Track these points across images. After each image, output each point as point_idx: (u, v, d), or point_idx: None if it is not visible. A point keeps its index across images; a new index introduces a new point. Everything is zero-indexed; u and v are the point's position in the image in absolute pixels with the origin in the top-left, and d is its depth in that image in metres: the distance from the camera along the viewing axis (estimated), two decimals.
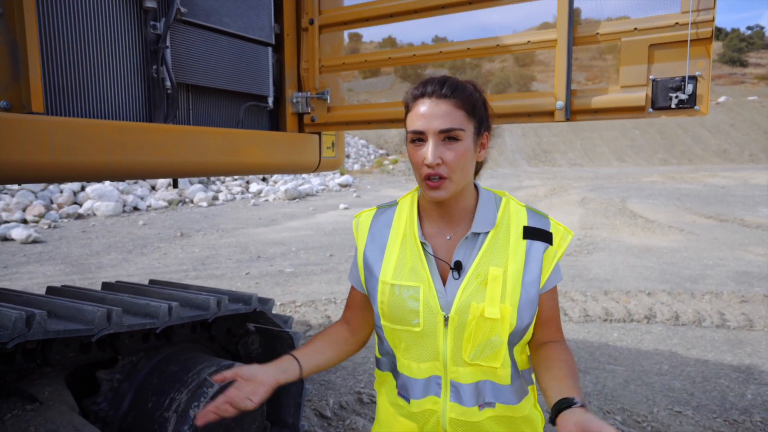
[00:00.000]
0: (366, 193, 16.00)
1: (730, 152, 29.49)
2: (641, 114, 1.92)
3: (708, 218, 10.26)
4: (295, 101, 2.63)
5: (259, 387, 1.09)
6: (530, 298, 1.11)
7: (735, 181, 17.74)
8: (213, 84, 2.31)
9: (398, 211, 1.23)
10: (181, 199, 13.05)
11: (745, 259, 6.84)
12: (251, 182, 15.56)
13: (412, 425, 1.20)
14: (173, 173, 2.15)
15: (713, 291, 5.43)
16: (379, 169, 22.77)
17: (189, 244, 8.31)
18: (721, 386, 3.45)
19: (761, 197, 13.28)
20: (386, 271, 1.16)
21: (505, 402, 1.16)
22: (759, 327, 4.49)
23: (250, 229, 9.67)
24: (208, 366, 2.01)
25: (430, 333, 1.12)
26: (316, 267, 6.77)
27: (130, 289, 2.12)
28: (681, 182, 18.03)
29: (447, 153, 1.06)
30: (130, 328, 1.63)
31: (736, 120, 32.87)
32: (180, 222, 10.45)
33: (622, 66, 1.92)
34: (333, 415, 3.08)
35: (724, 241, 8.00)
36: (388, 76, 37.95)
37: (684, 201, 12.91)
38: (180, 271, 6.55)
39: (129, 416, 1.94)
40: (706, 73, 1.79)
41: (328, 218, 10.96)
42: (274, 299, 2.31)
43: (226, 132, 2.25)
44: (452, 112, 1.07)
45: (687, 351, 4.02)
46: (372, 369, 3.75)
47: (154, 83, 2.08)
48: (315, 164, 2.73)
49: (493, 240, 1.14)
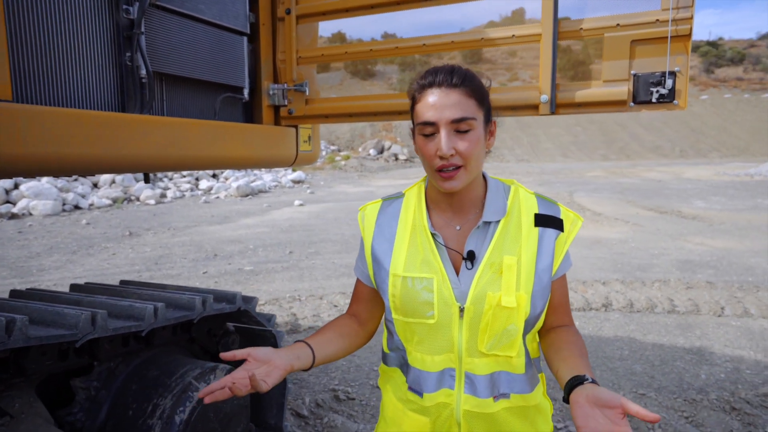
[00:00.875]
0: (320, 189, 15.85)
1: (663, 148, 31.28)
2: (623, 108, 1.98)
3: (649, 210, 10.83)
4: (271, 93, 2.55)
5: (274, 370, 1.03)
6: (543, 285, 1.11)
7: (669, 176, 18.82)
8: (188, 73, 2.20)
9: (405, 202, 1.21)
10: (127, 196, 12.46)
11: (686, 248, 7.27)
12: (201, 179, 15.06)
13: (423, 420, 1.18)
14: (148, 167, 2.03)
15: (661, 279, 5.73)
16: (331, 165, 22.60)
17: (139, 244, 7.94)
18: (678, 368, 3.65)
19: (693, 190, 14.17)
20: (397, 264, 1.14)
21: (520, 392, 1.16)
22: (705, 311, 4.78)
23: (203, 227, 9.36)
24: (192, 369, 1.92)
25: (445, 324, 1.11)
26: (277, 264, 6.64)
27: (103, 291, 1.99)
28: (621, 177, 18.95)
29: (460, 143, 1.04)
30: (116, 331, 1.53)
31: (667, 118, 34.88)
32: (127, 221, 9.97)
33: (604, 61, 1.98)
34: (310, 413, 3.03)
35: (665, 232, 8.48)
36: (338, 72, 37.66)
37: (626, 194, 13.57)
38: (132, 272, 6.25)
39: (108, 425, 1.83)
40: (685, 68, 1.87)
41: (284, 215, 10.77)
42: (257, 297, 2.23)
43: (204, 124, 2.15)
44: (463, 101, 1.05)
45: (644, 336, 4.23)
46: (344, 367, 3.72)
47: (127, 71, 1.96)
48: (292, 158, 2.66)
49: (504, 228, 1.13)
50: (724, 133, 33.82)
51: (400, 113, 2.39)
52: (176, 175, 15.00)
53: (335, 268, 6.45)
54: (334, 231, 8.91)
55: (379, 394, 3.30)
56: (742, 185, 15.32)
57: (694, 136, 32.99)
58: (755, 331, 4.30)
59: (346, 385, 3.41)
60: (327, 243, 7.94)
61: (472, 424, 1.15)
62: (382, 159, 25.01)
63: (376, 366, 3.71)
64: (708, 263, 6.44)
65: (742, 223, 9.27)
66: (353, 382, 3.47)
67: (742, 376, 3.53)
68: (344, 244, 7.83)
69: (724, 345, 4.04)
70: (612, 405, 0.87)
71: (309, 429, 2.88)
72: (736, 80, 47.67)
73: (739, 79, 48.36)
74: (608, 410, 0.87)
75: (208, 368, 1.94)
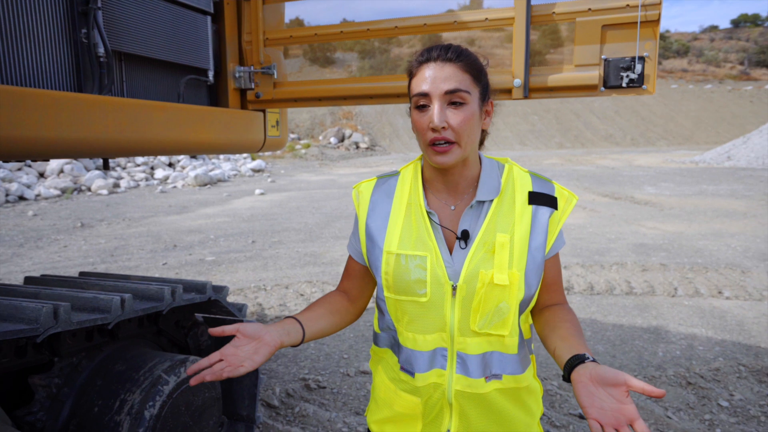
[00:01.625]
0: (281, 178, 15.60)
1: (615, 137, 32.39)
2: (594, 92, 2.01)
3: (605, 197, 11.20)
4: (237, 76, 2.46)
5: (263, 347, 1.03)
6: (537, 263, 1.11)
7: (621, 163, 19.51)
8: (149, 53, 2.09)
9: (400, 180, 1.19)
10: (77, 187, 11.89)
11: (640, 233, 7.56)
12: (156, 168, 14.54)
13: (415, 400, 1.17)
14: (108, 152, 1.92)
15: (619, 262, 5.94)
16: (292, 153, 22.27)
17: (92, 235, 7.60)
18: (637, 347, 3.80)
19: (645, 177, 14.74)
20: (390, 241, 1.13)
21: (512, 372, 1.15)
22: (660, 292, 4.99)
23: (160, 218, 9.05)
24: (161, 362, 1.85)
25: (437, 303, 1.10)
26: (239, 254, 6.50)
27: (62, 283, 1.88)
28: (577, 164, 19.50)
29: (453, 117, 1.04)
30: (80, 325, 1.44)
31: (619, 108, 36.10)
32: (78, 212, 9.53)
33: (576, 45, 1.99)
34: (281, 404, 2.98)
35: (621, 217, 8.79)
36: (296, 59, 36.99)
37: (582, 181, 13.98)
38: (86, 264, 5.98)
39: (71, 424, 1.73)
40: (653, 54, 1.91)
41: (245, 204, 10.54)
42: (228, 286, 2.16)
43: (167, 107, 2.05)
44: (458, 74, 1.05)
45: (604, 317, 4.38)
46: (313, 356, 3.68)
47: (83, 49, 1.83)
48: (260, 143, 2.58)
49: (498, 207, 1.13)
50: (671, 122, 35.32)
51: (371, 97, 2.35)
52: (130, 164, 14.43)
53: (300, 257, 6.37)
54: (297, 220, 8.80)
55: (351, 382, 3.28)
56: (688, 172, 16.05)
57: (644, 125, 34.31)
58: (706, 310, 4.52)
59: (316, 374, 3.37)
60: (290, 232, 7.83)
61: (463, 404, 1.14)
62: (342, 147, 24.84)
63: (346, 354, 3.69)
64: (661, 246, 6.72)
65: (690, 207, 9.71)
66: (323, 370, 3.44)
67: (695, 352, 3.71)
68: (308, 233, 7.75)
69: (678, 324, 4.23)
70: (616, 383, 0.87)
71: (280, 419, 2.84)
72: (681, 72, 49.72)
73: (684, 70, 50.47)
74: (612, 388, 0.88)
75: (178, 361, 1.86)
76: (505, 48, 2.15)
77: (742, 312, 4.47)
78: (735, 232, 7.58)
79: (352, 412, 2.94)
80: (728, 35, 62.95)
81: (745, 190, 11.79)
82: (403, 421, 1.20)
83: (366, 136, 26.17)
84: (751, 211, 9.29)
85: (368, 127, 28.11)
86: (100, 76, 1.84)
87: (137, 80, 2.11)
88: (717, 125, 34.87)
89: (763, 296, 4.82)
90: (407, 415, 1.19)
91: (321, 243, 7.11)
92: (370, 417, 1.28)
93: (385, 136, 27.78)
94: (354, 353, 3.70)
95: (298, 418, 2.85)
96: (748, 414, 2.90)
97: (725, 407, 2.97)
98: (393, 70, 2.33)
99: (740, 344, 3.84)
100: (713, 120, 35.65)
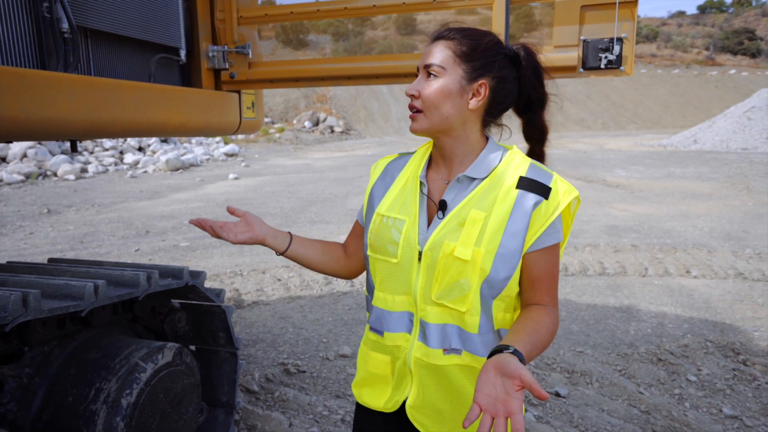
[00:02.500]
0: (255, 162, 15.36)
1: (586, 121, 32.86)
2: (573, 73, 2.01)
3: (577, 180, 11.39)
4: (210, 55, 2.38)
5: (248, 231, 1.26)
6: (510, 249, 1.07)
7: (593, 147, 19.83)
8: (117, 30, 2.00)
9: (414, 156, 1.27)
10: (41, 172, 11.48)
11: (612, 215, 7.72)
12: (126, 152, 14.14)
13: (384, 358, 1.22)
14: (75, 133, 1.84)
15: (592, 243, 6.07)
16: (265, 137, 21.91)
17: (60, 222, 7.37)
18: (610, 326, 3.90)
19: (616, 160, 15.02)
20: (383, 204, 1.21)
21: (473, 352, 1.13)
22: (631, 272, 5.11)
23: (131, 203, 8.83)
24: (137, 349, 1.80)
25: (405, 266, 1.15)
26: (214, 240, 6.39)
27: (31, 270, 1.81)
28: (550, 148, 19.61)
29: (424, 87, 1.12)
30: (51, 312, 1.39)
31: (591, 92, 36.56)
32: (44, 197, 9.22)
33: (555, 26, 1.99)
34: (260, 388, 2.97)
35: (593, 200, 8.95)
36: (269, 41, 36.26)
37: (555, 164, 14.00)
38: (55, 251, 5.81)
39: (44, 414, 1.69)
40: (631, 35, 1.92)
41: (219, 189, 10.37)
42: (205, 272, 2.11)
43: (138, 86, 1.97)
44: (440, 51, 1.12)
45: (579, 297, 4.47)
46: (292, 340, 3.67)
47: (46, 24, 1.74)
48: (235, 125, 2.52)
49: (486, 187, 1.12)
50: (640, 106, 35.99)
51: (350, 78, 2.31)
52: (98, 148, 14.00)
53: None
54: (273, 204, 8.70)
55: (330, 366, 3.28)
56: (656, 155, 16.42)
57: (615, 109, 34.88)
58: (675, 289, 4.66)
59: (295, 359, 3.36)
60: (266, 217, 7.74)
61: (421, 373, 1.17)
62: (317, 131, 24.57)
63: (325, 338, 3.69)
64: (632, 228, 6.88)
65: (659, 190, 9.96)
66: (302, 355, 3.43)
67: (665, 330, 3.82)
68: (284, 218, 7.67)
69: (649, 302, 4.35)
70: (512, 375, 0.89)
71: (260, 404, 2.82)
72: (650, 56, 50.56)
73: (653, 55, 51.32)
74: (507, 380, 0.89)
75: (155, 348, 1.82)
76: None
77: (709, 290, 4.62)
78: (701, 213, 7.81)
79: (332, 395, 2.94)
80: (695, 21, 64.20)
81: (711, 173, 12.15)
82: (377, 383, 1.26)
83: (341, 120, 25.92)
84: (716, 192, 9.58)
85: (343, 110, 27.85)
86: (64, 53, 1.76)
87: (105, 58, 2.02)
88: (684, 109, 35.70)
89: (728, 274, 4.99)
90: (379, 376, 1.24)
91: (298, 228, 7.05)
92: (354, 382, 1.34)
93: (360, 120, 27.59)
94: (333, 337, 3.70)
95: (278, 403, 2.84)
96: (715, 387, 3.02)
97: (693, 381, 3.08)
98: (367, 53, 2.30)
99: (707, 321, 3.97)
100: (680, 104, 36.48)
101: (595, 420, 2.69)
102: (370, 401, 1.27)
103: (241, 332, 3.79)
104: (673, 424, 2.65)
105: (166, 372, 1.81)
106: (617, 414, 2.75)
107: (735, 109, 20.98)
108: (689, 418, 2.70)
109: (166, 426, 1.82)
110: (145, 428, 1.72)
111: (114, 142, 14.22)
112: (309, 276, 4.98)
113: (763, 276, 4.93)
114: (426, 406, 1.18)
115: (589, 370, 3.19)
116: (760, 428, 2.63)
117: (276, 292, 4.62)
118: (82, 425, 1.64)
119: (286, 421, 2.63)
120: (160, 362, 1.79)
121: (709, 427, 2.63)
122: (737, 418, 2.72)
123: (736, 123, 19.27)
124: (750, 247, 5.87)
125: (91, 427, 1.60)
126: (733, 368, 3.22)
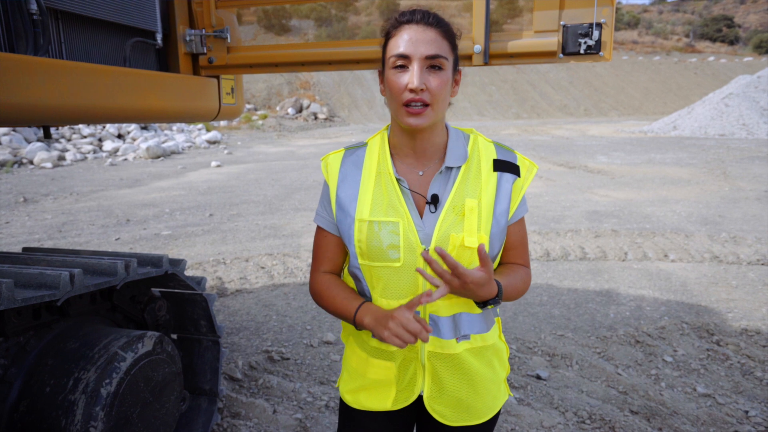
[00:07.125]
0: (237, 149, 15.19)
1: (569, 107, 33.06)
2: (552, 59, 2.02)
3: (560, 166, 11.48)
4: (188, 39, 2.34)
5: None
6: (500, 227, 1.16)
7: (575, 133, 19.98)
8: (89, 12, 1.95)
9: (368, 150, 1.21)
10: (17, 160, 11.22)
11: (593, 200, 7.82)
12: (105, 139, 13.86)
13: (389, 365, 1.21)
14: (47, 119, 1.80)
15: (573, 229, 6.14)
16: (248, 124, 21.65)
17: (37, 210, 7.23)
18: (590, 309, 3.96)
19: (597, 146, 15.16)
20: (362, 210, 1.15)
21: (479, 331, 1.21)
22: (611, 257, 5.19)
23: (111, 191, 8.68)
24: (117, 338, 1.78)
25: (410, 267, 1.13)
26: (197, 228, 6.33)
27: (5, 259, 1.77)
28: (533, 134, 19.85)
29: (432, 80, 1.06)
30: (26, 302, 1.36)
31: (573, 78, 36.75)
32: (20, 186, 9.02)
33: (535, 11, 1.99)
34: (244, 376, 2.97)
35: (575, 185, 9.04)
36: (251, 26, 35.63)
37: (538, 151, 14.26)
38: (32, 241, 5.70)
39: (21, 406, 1.66)
40: (610, 20, 1.92)
41: (201, 176, 10.24)
42: (186, 260, 2.09)
43: (112, 71, 1.93)
44: (439, 40, 1.08)
45: (560, 282, 4.53)
46: (276, 328, 3.66)
47: (13, 5, 1.69)
48: (214, 111, 2.48)
49: (465, 174, 1.16)
50: (622, 93, 36.30)
51: (331, 63, 2.28)
52: (75, 135, 13.70)
53: (259, 229, 6.27)
54: (256, 192, 8.62)
55: (314, 353, 3.29)
56: (637, 141, 16.61)
57: (597, 96, 35.13)
58: (653, 273, 4.75)
59: (279, 346, 3.36)
60: (249, 204, 7.68)
61: (436, 365, 1.19)
62: (300, 118, 24.34)
63: (309, 325, 3.69)
64: (612, 213, 6.97)
65: (639, 175, 10.09)
66: (286, 342, 3.43)
67: (643, 312, 3.90)
68: (267, 205, 7.62)
69: (628, 286, 4.43)
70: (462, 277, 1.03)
71: (244, 392, 2.82)
72: (632, 43, 50.88)
73: (635, 42, 51.65)
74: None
75: (135, 336, 1.81)
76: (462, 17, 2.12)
77: (686, 273, 4.72)
78: (680, 198, 7.94)
79: (316, 381, 2.96)
80: (675, 8, 64.72)
81: (689, 158, 12.34)
82: (377, 388, 1.24)
83: (324, 107, 25.71)
84: (694, 178, 9.75)
85: (326, 97, 27.62)
86: (34, 36, 1.71)
87: (77, 42, 1.97)
88: (664, 96, 36.09)
89: (704, 258, 5.10)
90: (381, 382, 1.23)
91: (281, 215, 7.01)
92: (343, 387, 1.30)
93: (343, 106, 27.39)
94: (317, 324, 3.70)
95: (262, 390, 2.85)
96: (690, 367, 3.09)
97: (669, 362, 3.15)
98: (351, 39, 2.27)
99: (684, 303, 4.06)
100: (661, 91, 36.87)
101: (575, 401, 2.74)
102: (373, 404, 1.24)
103: (224, 320, 3.78)
104: (649, 403, 2.71)
105: (147, 361, 1.79)
106: (596, 395, 2.81)
107: (713, 95, 21.27)
108: (665, 398, 2.77)
109: (147, 415, 1.81)
110: (126, 417, 1.71)
111: (93, 129, 13.93)
112: (292, 264, 4.97)
113: (737, 259, 5.04)
114: (444, 396, 1.21)
115: (570, 352, 3.25)
116: (731, 405, 2.71)
117: (259, 280, 4.61)
118: (60, 415, 1.63)
119: (270, 408, 2.64)
120: (140, 351, 1.77)
121: (683, 406, 2.70)
122: (710, 396, 2.79)
123: (714, 109, 19.56)
124: (725, 231, 6.00)
125: (70, 417, 1.59)
126: (708, 348, 3.31)
